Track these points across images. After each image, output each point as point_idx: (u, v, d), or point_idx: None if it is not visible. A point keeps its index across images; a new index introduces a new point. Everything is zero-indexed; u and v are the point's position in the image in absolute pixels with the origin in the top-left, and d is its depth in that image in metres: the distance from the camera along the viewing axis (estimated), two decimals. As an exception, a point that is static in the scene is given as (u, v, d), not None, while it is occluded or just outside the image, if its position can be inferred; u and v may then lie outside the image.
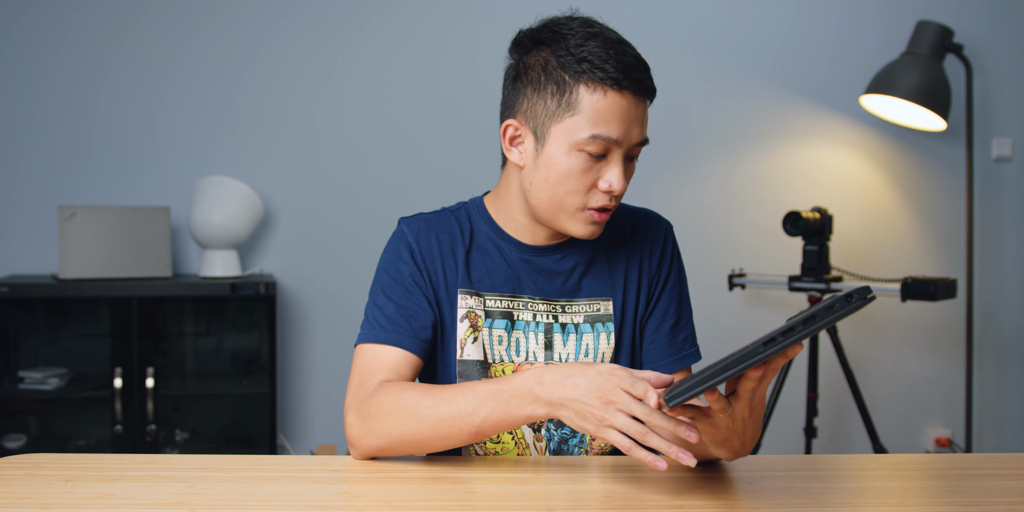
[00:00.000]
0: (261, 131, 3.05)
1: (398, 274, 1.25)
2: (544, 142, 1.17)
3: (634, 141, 1.17)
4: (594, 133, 1.14)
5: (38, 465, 1.11)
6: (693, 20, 3.21)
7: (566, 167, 1.16)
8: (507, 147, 1.22)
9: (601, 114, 1.13)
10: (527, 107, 1.19)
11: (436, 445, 1.11)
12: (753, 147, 3.24)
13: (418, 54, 3.10)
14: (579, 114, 1.14)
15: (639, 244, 1.31)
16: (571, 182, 1.16)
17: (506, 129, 1.22)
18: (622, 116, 1.14)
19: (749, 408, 0.98)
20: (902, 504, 1.04)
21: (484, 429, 1.07)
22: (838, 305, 0.83)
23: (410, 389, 1.13)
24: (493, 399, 1.06)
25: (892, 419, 3.28)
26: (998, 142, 3.30)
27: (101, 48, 2.97)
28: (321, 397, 3.10)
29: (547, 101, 1.16)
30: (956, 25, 3.14)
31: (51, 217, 2.91)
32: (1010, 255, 3.34)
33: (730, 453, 1.05)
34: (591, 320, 1.27)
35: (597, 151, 1.15)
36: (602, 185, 1.16)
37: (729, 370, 0.87)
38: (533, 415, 1.05)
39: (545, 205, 1.20)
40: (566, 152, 1.15)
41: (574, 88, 1.14)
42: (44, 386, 2.73)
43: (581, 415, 1.00)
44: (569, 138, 1.15)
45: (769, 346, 0.85)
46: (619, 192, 1.17)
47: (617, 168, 1.16)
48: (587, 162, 1.15)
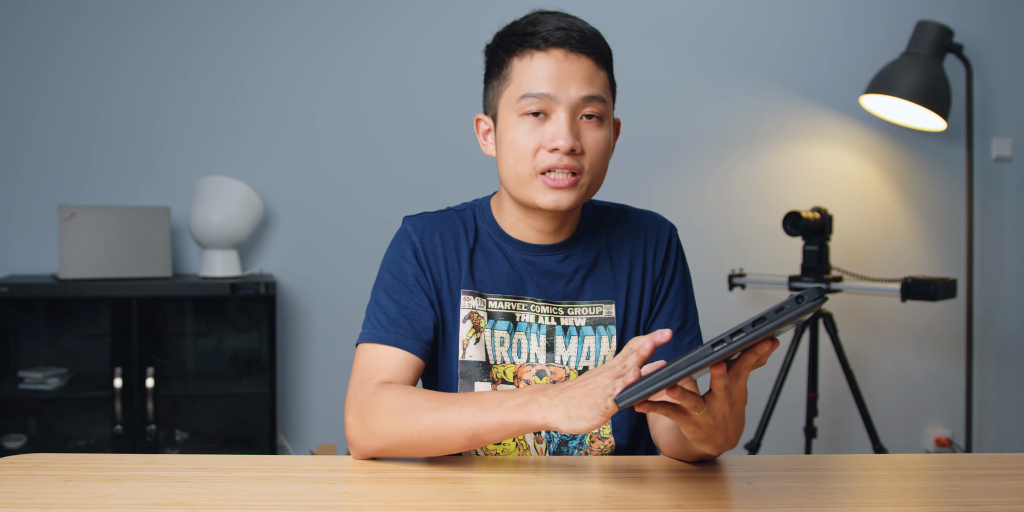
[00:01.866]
0: (261, 131, 3.05)
1: (401, 273, 1.25)
2: (497, 122, 1.21)
3: (574, 97, 1.16)
4: (524, 92, 1.16)
5: (38, 465, 1.11)
6: (693, 20, 3.21)
7: (511, 135, 1.18)
8: (482, 142, 1.26)
9: (528, 75, 1.16)
10: (486, 98, 1.24)
11: (434, 448, 1.10)
12: (753, 147, 3.24)
13: (418, 54, 3.10)
14: (513, 82, 1.18)
15: (642, 247, 1.31)
16: (518, 148, 1.17)
17: (477, 124, 1.27)
18: (551, 73, 1.16)
19: (729, 404, 0.97)
20: (902, 504, 1.03)
21: (481, 433, 1.06)
22: (788, 307, 0.83)
23: (413, 392, 1.13)
24: (495, 406, 1.06)
25: (892, 419, 3.28)
26: (998, 142, 3.30)
27: (101, 48, 2.97)
28: (321, 397, 3.10)
29: (492, 84, 1.22)
30: (956, 25, 3.14)
31: (51, 217, 2.91)
32: (1010, 255, 3.34)
33: (715, 448, 1.05)
34: (593, 323, 1.27)
35: (535, 109, 1.16)
36: (547, 144, 1.16)
37: (679, 372, 0.87)
38: (530, 420, 1.02)
39: (511, 183, 1.21)
40: (512, 123, 1.18)
41: (508, 62, 1.19)
42: (44, 386, 2.73)
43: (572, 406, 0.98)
44: (509, 108, 1.18)
45: (718, 348, 0.85)
46: (566, 148, 1.15)
47: (559, 125, 1.16)
48: (530, 124, 1.17)
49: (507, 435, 1.06)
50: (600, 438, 1.26)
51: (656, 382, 0.88)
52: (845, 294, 3.09)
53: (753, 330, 0.83)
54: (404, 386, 1.16)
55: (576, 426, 0.98)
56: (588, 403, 0.97)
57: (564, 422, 0.99)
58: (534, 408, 1.02)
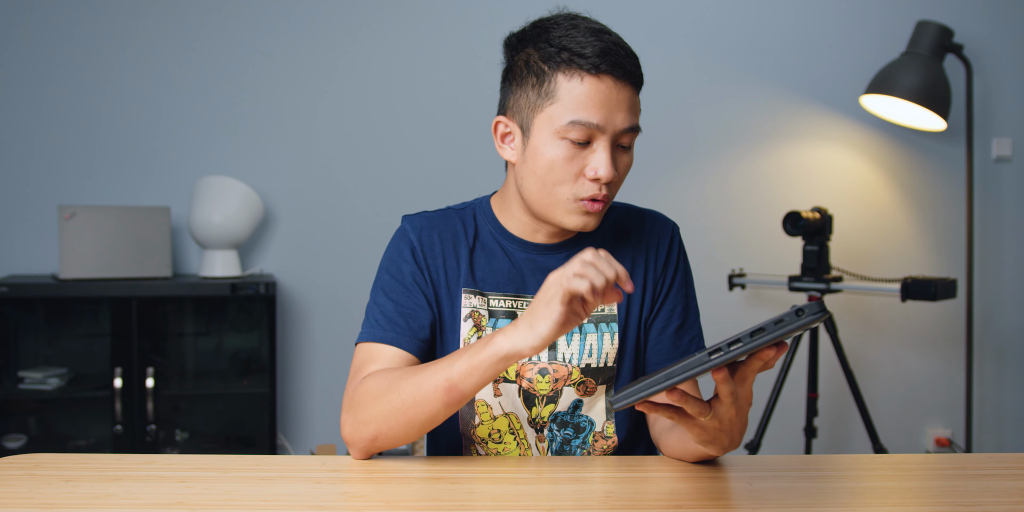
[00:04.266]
0: (261, 131, 3.05)
1: (398, 273, 1.25)
2: (529, 134, 1.18)
3: (619, 127, 1.15)
4: (573, 119, 1.13)
5: (38, 465, 1.11)
6: (693, 20, 3.21)
7: (550, 156, 1.16)
8: (499, 144, 1.23)
9: (579, 100, 1.13)
10: (513, 103, 1.20)
11: (419, 413, 1.08)
12: (753, 147, 3.24)
13: (419, 54, 3.10)
14: (558, 102, 1.15)
15: (645, 245, 1.31)
16: (557, 171, 1.16)
17: (496, 126, 1.23)
18: (601, 101, 1.13)
19: (735, 409, 0.98)
20: (902, 504, 1.04)
21: (456, 380, 1.05)
22: (787, 319, 0.83)
23: (392, 370, 1.14)
24: (464, 352, 1.06)
25: (892, 419, 3.28)
26: (998, 142, 3.30)
27: (102, 49, 2.97)
28: (321, 397, 3.10)
29: (529, 93, 1.18)
30: (956, 25, 3.14)
31: (51, 217, 2.91)
32: (1010, 255, 3.34)
33: (720, 449, 1.06)
34: (595, 320, 1.27)
35: (579, 138, 1.14)
36: (588, 173, 1.15)
37: (674, 377, 0.88)
38: (498, 351, 1.02)
39: (536, 197, 1.20)
40: (550, 141, 1.16)
41: (552, 77, 1.15)
42: (44, 386, 2.73)
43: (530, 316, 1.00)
44: (551, 127, 1.15)
45: (715, 356, 0.86)
46: (607, 179, 1.15)
47: (602, 155, 1.15)
48: (571, 150, 1.15)
49: (482, 377, 1.05)
50: (604, 437, 1.26)
51: (651, 387, 0.89)
52: (845, 294, 3.09)
53: (751, 341, 0.84)
54: (386, 369, 1.16)
55: (540, 331, 0.99)
56: (543, 301, 0.98)
57: (527, 335, 1.00)
58: (498, 338, 1.03)
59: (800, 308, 0.82)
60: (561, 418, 1.25)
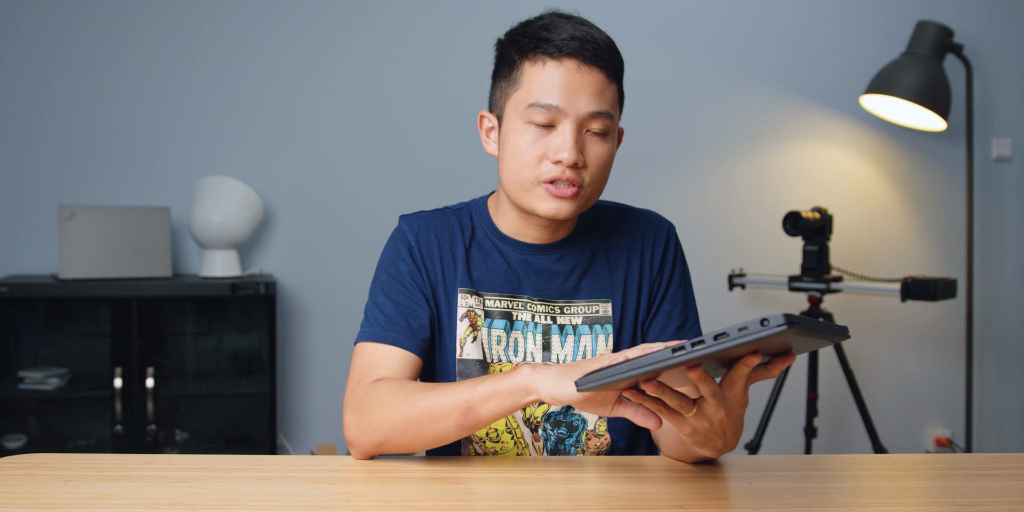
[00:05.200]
0: (261, 131, 3.05)
1: (397, 272, 1.26)
2: (502, 123, 1.21)
3: (582, 111, 1.15)
4: (533, 101, 1.15)
5: (38, 465, 1.11)
6: (693, 20, 3.21)
7: (515, 141, 1.17)
8: (484, 139, 1.26)
9: (540, 83, 1.15)
10: (492, 96, 1.23)
11: (431, 429, 1.09)
12: (753, 147, 3.24)
13: (418, 54, 3.10)
14: (522, 87, 1.17)
15: (640, 245, 1.31)
16: (521, 155, 1.17)
17: (481, 121, 1.26)
18: (562, 84, 1.14)
19: (724, 410, 0.97)
20: (902, 504, 1.04)
21: (475, 403, 1.06)
22: (751, 327, 0.83)
23: (408, 383, 1.15)
24: (487, 378, 1.08)
25: (892, 419, 3.28)
26: (998, 142, 3.30)
27: (102, 49, 2.97)
28: (321, 397, 3.10)
29: (501, 84, 1.21)
30: (956, 25, 3.14)
31: (51, 217, 2.91)
32: (1010, 255, 3.34)
33: (714, 451, 1.05)
34: (589, 322, 1.27)
35: (542, 121, 1.15)
36: (551, 155, 1.16)
37: (637, 369, 0.88)
38: (521, 382, 1.03)
39: (509, 185, 1.20)
40: (517, 127, 1.17)
41: (520, 64, 1.18)
42: (44, 386, 2.73)
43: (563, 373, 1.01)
44: (516, 112, 1.17)
45: (678, 353, 0.86)
46: (570, 162, 1.14)
47: (564, 137, 1.15)
48: (536, 133, 1.16)
49: (500, 404, 1.06)
50: (596, 435, 1.27)
51: (615, 374, 0.90)
52: (845, 294, 3.09)
53: (715, 343, 0.84)
54: (399, 379, 1.17)
55: (565, 389, 1.00)
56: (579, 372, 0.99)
57: (554, 383, 1.01)
58: (526, 369, 1.04)
59: (765, 318, 0.82)
60: (555, 418, 1.26)
